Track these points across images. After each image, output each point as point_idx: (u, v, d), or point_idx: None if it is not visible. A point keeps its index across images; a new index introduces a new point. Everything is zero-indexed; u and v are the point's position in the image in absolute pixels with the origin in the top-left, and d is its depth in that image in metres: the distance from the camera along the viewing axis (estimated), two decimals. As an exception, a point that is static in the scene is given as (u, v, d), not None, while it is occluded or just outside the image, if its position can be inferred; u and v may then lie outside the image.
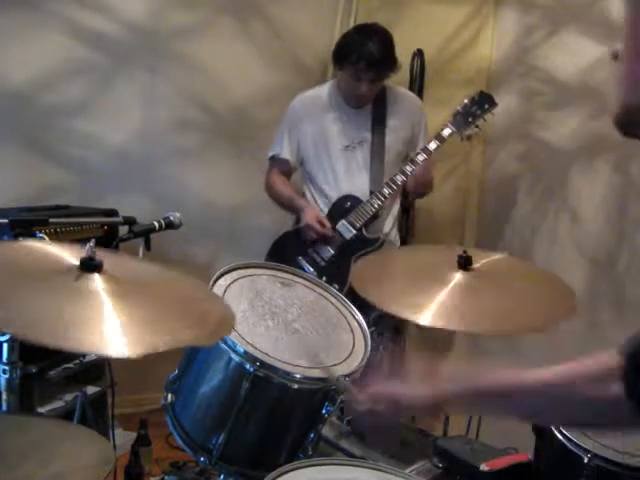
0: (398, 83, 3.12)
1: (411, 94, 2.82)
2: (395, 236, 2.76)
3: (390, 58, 2.53)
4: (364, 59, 2.46)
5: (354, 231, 2.53)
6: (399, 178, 2.49)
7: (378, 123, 2.60)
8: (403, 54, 3.17)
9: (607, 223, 2.51)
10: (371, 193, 2.54)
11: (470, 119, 2.48)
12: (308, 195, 2.73)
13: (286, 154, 2.69)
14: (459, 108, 2.49)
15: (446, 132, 2.51)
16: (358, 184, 2.59)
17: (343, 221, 2.54)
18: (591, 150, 2.58)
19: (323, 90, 2.70)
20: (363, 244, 2.53)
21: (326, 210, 2.63)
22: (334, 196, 2.62)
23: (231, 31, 3.34)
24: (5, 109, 2.94)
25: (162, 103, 3.27)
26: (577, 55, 2.61)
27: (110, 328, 1.19)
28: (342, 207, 2.58)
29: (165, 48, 3.24)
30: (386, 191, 2.50)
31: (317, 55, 3.38)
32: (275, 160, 2.73)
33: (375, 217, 2.54)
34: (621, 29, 0.74)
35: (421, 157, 2.48)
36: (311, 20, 3.41)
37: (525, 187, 2.86)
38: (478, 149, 2.87)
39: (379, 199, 2.51)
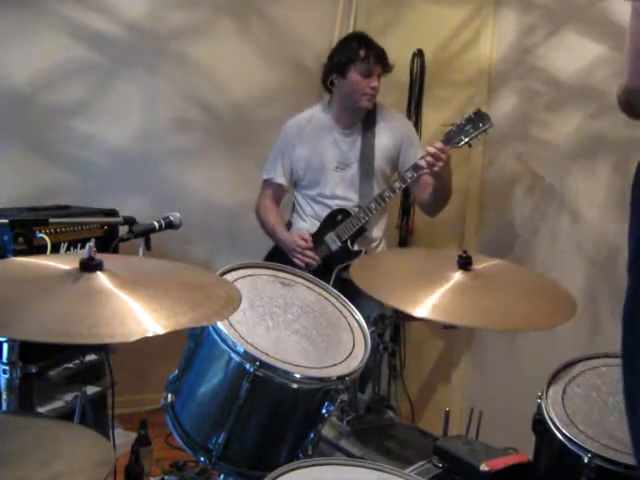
0: (398, 83, 3.13)
1: (398, 115, 2.86)
2: (383, 248, 2.82)
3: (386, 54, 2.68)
4: (372, 53, 2.61)
5: (339, 243, 2.65)
6: (387, 194, 2.59)
7: (367, 144, 2.69)
8: (403, 54, 3.18)
9: (607, 223, 2.51)
10: (359, 207, 2.65)
11: (462, 137, 2.47)
12: (298, 210, 2.82)
13: (280, 179, 2.79)
14: (453, 127, 2.48)
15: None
16: (348, 201, 2.70)
17: (331, 233, 2.67)
18: (591, 150, 2.58)
19: (314, 112, 2.79)
20: (347, 256, 2.62)
21: (317, 225, 2.73)
22: (323, 213, 2.72)
23: (231, 31, 3.34)
24: (5, 109, 2.94)
25: (162, 103, 3.28)
26: (577, 55, 2.60)
27: (137, 315, 1.28)
28: (333, 220, 2.69)
29: (165, 48, 3.25)
30: (373, 206, 2.60)
31: (317, 55, 3.37)
32: (269, 183, 2.82)
33: (362, 231, 2.65)
34: (621, 29, 0.74)
35: (410, 174, 2.53)
36: (311, 20, 3.42)
37: (525, 187, 2.86)
38: (478, 149, 2.87)
39: (366, 213, 2.61)
